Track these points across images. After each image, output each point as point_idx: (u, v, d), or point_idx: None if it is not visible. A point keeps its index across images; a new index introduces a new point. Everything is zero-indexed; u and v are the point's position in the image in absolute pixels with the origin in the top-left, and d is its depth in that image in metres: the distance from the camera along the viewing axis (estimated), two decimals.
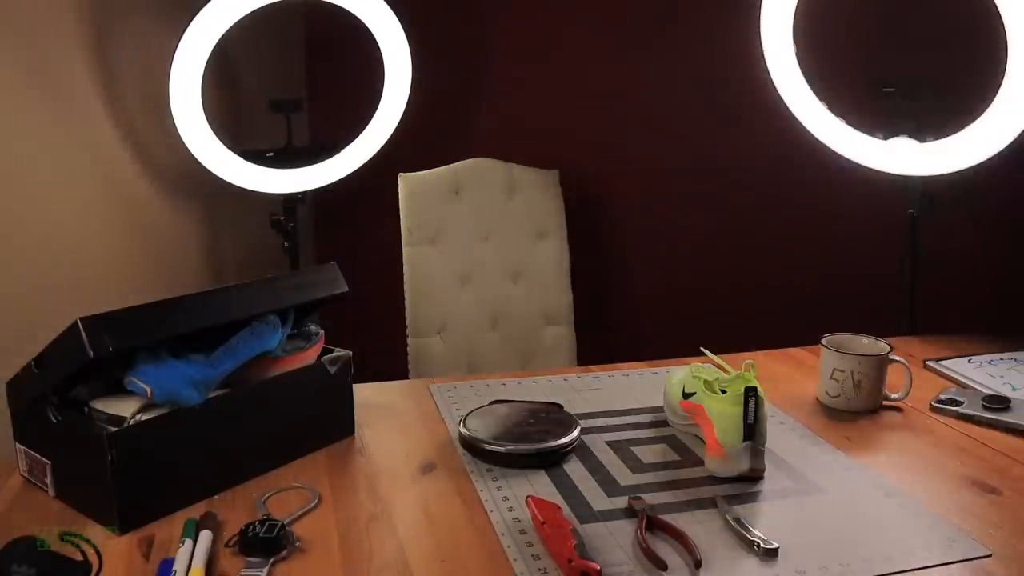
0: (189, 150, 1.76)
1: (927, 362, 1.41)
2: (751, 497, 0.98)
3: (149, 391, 0.90)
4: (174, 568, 0.81)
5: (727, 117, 2.06)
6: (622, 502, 0.96)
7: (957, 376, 1.36)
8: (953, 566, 0.85)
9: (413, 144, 1.96)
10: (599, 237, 2.21)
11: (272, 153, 1.88)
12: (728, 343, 1.29)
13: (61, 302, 1.58)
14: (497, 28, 2.17)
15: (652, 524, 0.91)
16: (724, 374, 1.09)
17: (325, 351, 1.13)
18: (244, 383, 1.02)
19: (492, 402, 1.19)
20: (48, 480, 0.96)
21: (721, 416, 1.02)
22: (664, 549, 0.87)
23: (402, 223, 1.97)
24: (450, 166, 2.01)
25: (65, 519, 0.92)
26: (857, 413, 1.22)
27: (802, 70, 1.54)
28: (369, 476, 1.04)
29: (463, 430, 1.09)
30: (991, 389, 1.29)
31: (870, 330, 1.29)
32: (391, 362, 1.89)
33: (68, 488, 0.95)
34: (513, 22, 2.16)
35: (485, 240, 2.02)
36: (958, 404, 1.22)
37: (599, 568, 0.81)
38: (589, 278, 2.13)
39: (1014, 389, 1.29)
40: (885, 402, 1.24)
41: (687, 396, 1.11)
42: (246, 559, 0.84)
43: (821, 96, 1.53)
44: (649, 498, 0.96)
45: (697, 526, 0.91)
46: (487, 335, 2.02)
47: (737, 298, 2.15)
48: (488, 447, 1.05)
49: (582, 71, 2.14)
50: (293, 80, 2.22)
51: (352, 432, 1.15)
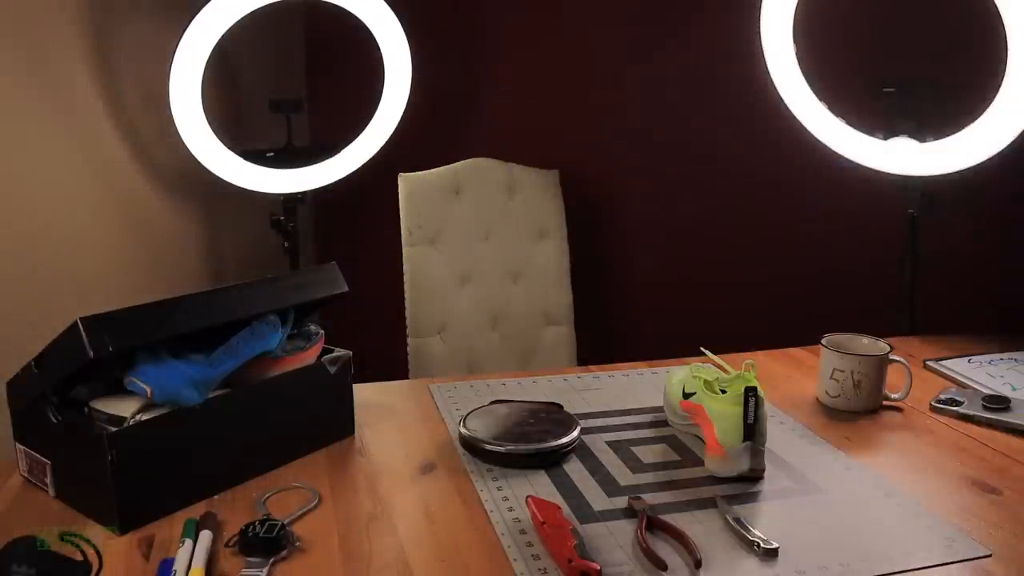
0: (189, 150, 1.76)
1: (927, 362, 1.41)
2: (751, 497, 0.98)
3: (149, 391, 0.90)
4: (174, 568, 0.81)
5: (727, 117, 2.06)
6: (622, 502, 0.96)
7: (957, 376, 1.36)
8: (953, 566, 0.85)
9: (413, 144, 1.96)
10: (599, 237, 2.21)
11: (272, 153, 1.88)
12: (728, 343, 1.29)
13: (61, 302, 1.58)
14: (497, 28, 2.17)
15: (652, 524, 0.91)
16: (724, 374, 1.09)
17: (325, 351, 1.13)
18: (244, 383, 1.02)
19: (492, 402, 1.19)
20: (48, 480, 0.96)
21: (721, 416, 1.02)
22: (664, 549, 0.87)
23: (402, 223, 1.97)
24: (450, 166, 2.01)
25: (65, 519, 0.92)
26: (857, 413, 1.22)
27: (802, 70, 1.54)
28: (369, 476, 1.04)
29: (463, 430, 1.09)
30: (991, 389, 1.29)
31: (870, 330, 1.29)
32: (391, 362, 1.89)
33: (68, 488, 0.95)
34: (513, 22, 2.16)
35: (485, 240, 2.02)
36: (958, 404, 1.22)
37: (599, 568, 0.81)
38: (589, 278, 2.13)
39: (1014, 389, 1.29)
40: (885, 402, 1.24)
41: (687, 396, 1.11)
42: (246, 559, 0.84)
43: (821, 96, 1.53)
44: (649, 498, 0.97)
45: (697, 526, 0.91)
46: (487, 335, 2.02)
47: (737, 298, 2.15)
48: (488, 447, 1.05)
49: (582, 71, 2.14)
50: (293, 80, 2.22)
51: (352, 432, 1.15)
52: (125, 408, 0.92)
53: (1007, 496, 0.99)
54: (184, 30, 1.71)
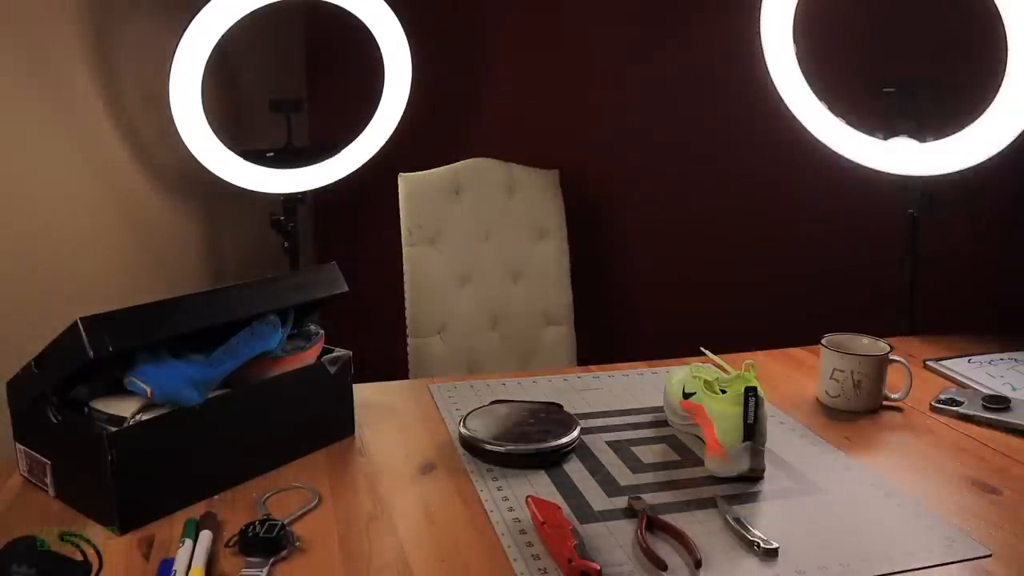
0: (189, 150, 1.76)
1: (927, 362, 1.41)
2: (751, 497, 0.98)
3: (149, 391, 0.90)
4: (174, 568, 0.81)
5: (727, 117, 2.06)
6: (622, 502, 0.96)
7: (957, 376, 1.36)
8: (953, 566, 0.85)
9: (413, 144, 1.96)
10: (599, 237, 2.21)
11: (272, 153, 1.88)
12: (728, 343, 1.29)
13: (61, 302, 1.58)
14: (497, 28, 2.17)
15: (652, 524, 0.91)
16: (724, 374, 1.09)
17: (325, 351, 1.13)
18: (244, 383, 1.02)
19: (492, 402, 1.19)
20: (48, 480, 0.96)
21: (721, 416, 1.02)
22: (664, 549, 0.87)
23: (402, 223, 1.97)
24: (450, 166, 2.01)
25: (65, 519, 0.92)
26: (857, 413, 1.22)
27: (802, 70, 1.53)
28: (369, 476, 1.04)
29: (463, 430, 1.09)
30: (991, 389, 1.29)
31: (870, 330, 1.29)
32: (391, 362, 1.89)
33: (68, 488, 0.95)
34: (513, 22, 2.16)
35: (485, 240, 2.02)
36: (958, 404, 1.22)
37: (599, 568, 0.81)
38: (589, 278, 2.13)
39: (1014, 389, 1.29)
40: (885, 402, 1.24)
41: (687, 396, 1.11)
42: (246, 559, 0.84)
43: (821, 96, 1.53)
44: (649, 498, 0.97)
45: (697, 526, 0.91)
46: (487, 335, 2.02)
47: (737, 298, 2.15)
48: (488, 447, 1.05)
49: (582, 71, 2.14)
50: (293, 80, 2.22)
51: (352, 432, 1.15)
52: (125, 408, 0.92)
53: (1007, 496, 0.99)
54: (184, 30, 1.70)
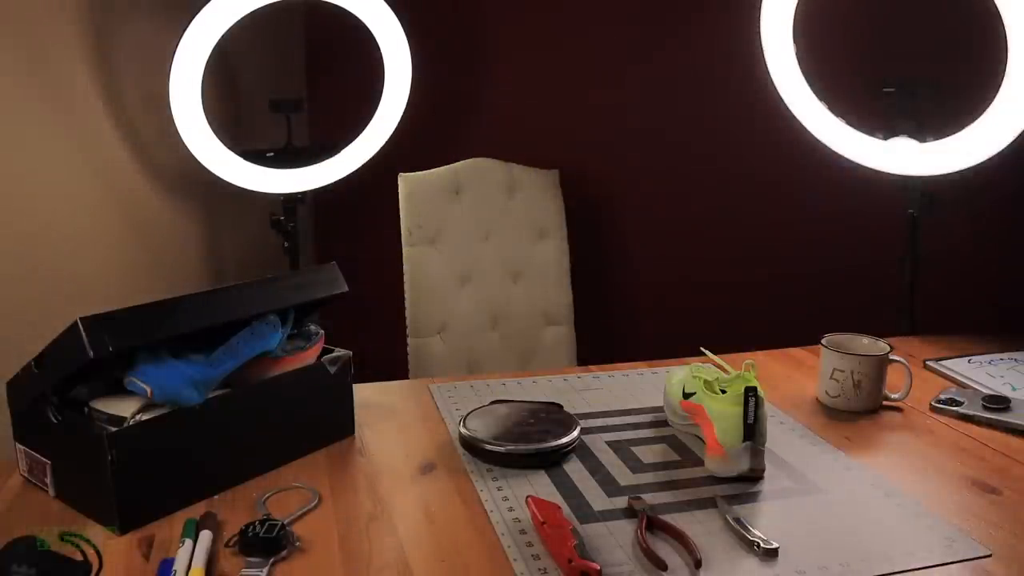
0: (189, 150, 1.76)
1: (927, 362, 1.41)
2: (751, 497, 0.98)
3: (149, 391, 0.90)
4: (174, 568, 0.81)
5: (727, 117, 2.06)
6: (622, 502, 0.96)
7: (957, 376, 1.36)
8: (953, 566, 0.85)
9: (413, 144, 1.96)
10: (599, 237, 2.21)
11: (272, 153, 1.88)
12: (728, 343, 1.29)
13: (61, 302, 1.58)
14: (497, 28, 2.17)
15: (652, 524, 0.91)
16: (724, 374, 1.09)
17: (325, 351, 1.13)
18: (244, 383, 1.02)
19: (492, 402, 1.19)
20: (48, 480, 0.96)
21: (721, 416, 1.02)
22: (664, 549, 0.87)
23: (402, 223, 1.97)
24: (450, 166, 2.01)
25: (65, 519, 0.92)
26: (857, 413, 1.22)
27: (802, 70, 1.53)
28: (369, 476, 1.04)
29: (463, 430, 1.09)
30: (991, 389, 1.29)
31: (870, 330, 1.29)
32: (391, 362, 1.89)
33: (68, 488, 0.95)
34: (513, 22, 2.16)
35: (485, 240, 2.02)
36: (958, 404, 1.22)
37: (599, 568, 0.81)
38: (589, 278, 2.13)
39: (1014, 389, 1.29)
40: (885, 402, 1.24)
41: (687, 396, 1.11)
42: (246, 559, 0.84)
43: (821, 96, 1.53)
44: (649, 498, 0.97)
45: (697, 526, 0.91)
46: (487, 335, 2.02)
47: (737, 298, 2.15)
48: (488, 447, 1.05)
49: (582, 71, 2.14)
50: (293, 80, 2.22)
51: (352, 432, 1.15)
52: (125, 408, 0.92)
53: (1007, 496, 0.99)
54: (184, 30, 1.70)
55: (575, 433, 1.08)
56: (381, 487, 1.01)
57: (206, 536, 0.86)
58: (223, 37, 1.74)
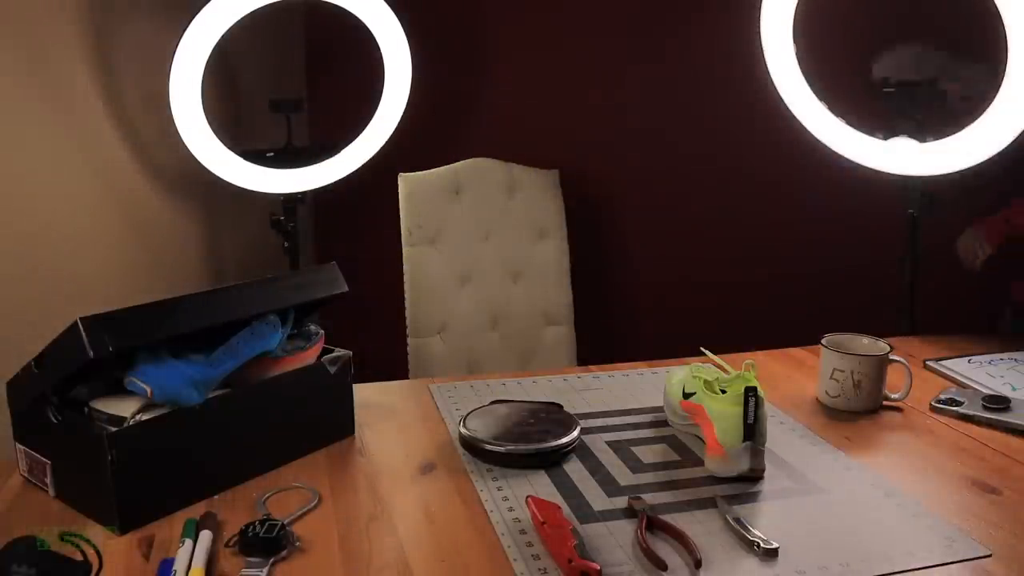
0: (189, 150, 1.76)
1: (927, 362, 1.41)
2: (751, 497, 0.98)
3: (149, 391, 0.90)
4: (174, 568, 0.81)
5: (727, 117, 2.06)
6: (622, 502, 0.96)
7: (957, 376, 1.36)
8: (953, 566, 0.85)
9: (413, 144, 1.96)
10: (599, 237, 2.21)
11: (272, 153, 1.87)
12: (728, 343, 1.29)
13: (61, 302, 1.58)
14: (497, 28, 2.17)
15: (652, 524, 0.91)
16: (724, 374, 1.09)
17: (325, 351, 1.13)
18: (244, 383, 1.02)
19: (492, 402, 1.19)
20: (48, 480, 0.96)
21: (721, 416, 1.02)
22: (664, 549, 0.87)
23: (402, 223, 1.97)
24: (450, 166, 2.01)
25: (65, 519, 0.92)
26: (857, 413, 1.22)
27: (802, 70, 1.53)
28: (369, 476, 1.04)
29: (463, 430, 1.09)
30: (991, 389, 1.28)
31: (870, 330, 1.29)
32: (391, 362, 1.89)
33: (68, 488, 0.95)
34: (513, 22, 2.16)
35: (485, 240, 2.02)
36: (958, 404, 1.22)
37: (599, 568, 0.81)
38: (589, 278, 2.13)
39: (1014, 389, 1.29)
40: (885, 402, 1.24)
41: (687, 396, 1.11)
42: (246, 559, 0.84)
43: (821, 96, 1.53)
44: (649, 498, 0.96)
45: (697, 526, 0.91)
46: (487, 335, 2.02)
47: (737, 298, 2.15)
48: (488, 447, 1.05)
49: (582, 71, 2.14)
50: (293, 80, 2.22)
51: (352, 432, 1.15)
52: (125, 408, 0.92)
53: (1007, 496, 0.99)
54: (184, 30, 1.70)
55: (575, 433, 1.08)
56: (381, 487, 1.01)
57: (206, 536, 0.86)
58: (223, 37, 1.74)
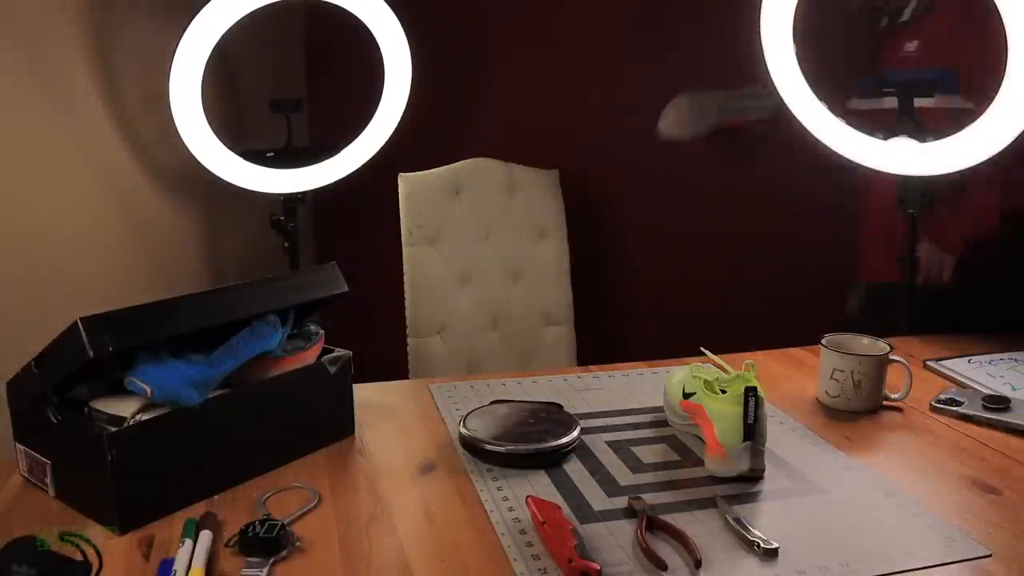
0: (189, 150, 1.76)
1: (927, 362, 1.41)
2: (751, 497, 0.98)
3: (149, 391, 0.90)
4: (174, 568, 0.81)
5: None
6: (622, 502, 0.96)
7: (957, 376, 1.36)
8: (953, 566, 0.85)
9: (413, 144, 1.96)
10: (599, 237, 2.21)
11: (272, 153, 1.87)
12: (728, 343, 1.29)
13: (61, 302, 1.58)
14: (497, 28, 2.17)
15: (652, 524, 0.91)
16: (724, 374, 1.09)
17: (325, 351, 1.13)
18: (244, 383, 1.02)
19: (492, 402, 1.19)
20: (48, 480, 0.96)
21: (721, 416, 1.02)
22: (664, 549, 0.87)
23: (402, 223, 1.97)
24: (450, 166, 2.01)
25: (65, 519, 0.92)
26: (857, 413, 1.22)
27: (802, 70, 1.53)
28: (369, 476, 1.04)
29: (463, 430, 1.09)
30: (991, 389, 1.28)
31: (870, 330, 1.29)
32: (391, 362, 1.89)
33: (68, 488, 0.95)
34: (513, 22, 2.16)
35: (485, 240, 2.02)
36: (958, 404, 1.22)
37: (599, 568, 0.81)
38: (589, 278, 2.13)
39: (1014, 389, 1.29)
40: (885, 402, 1.24)
41: (687, 396, 1.11)
42: (246, 559, 0.84)
43: (821, 96, 1.53)
44: (649, 498, 0.96)
45: (697, 526, 0.91)
46: (487, 335, 2.02)
47: (737, 298, 2.14)
48: (488, 447, 1.05)
49: (582, 71, 2.14)
50: (293, 80, 2.22)
51: (352, 432, 1.15)
52: (125, 408, 0.92)
53: (1007, 496, 0.99)
54: (184, 30, 1.70)
55: (575, 433, 1.08)
56: (381, 487, 1.01)
57: (206, 536, 0.86)
58: (223, 37, 1.74)
